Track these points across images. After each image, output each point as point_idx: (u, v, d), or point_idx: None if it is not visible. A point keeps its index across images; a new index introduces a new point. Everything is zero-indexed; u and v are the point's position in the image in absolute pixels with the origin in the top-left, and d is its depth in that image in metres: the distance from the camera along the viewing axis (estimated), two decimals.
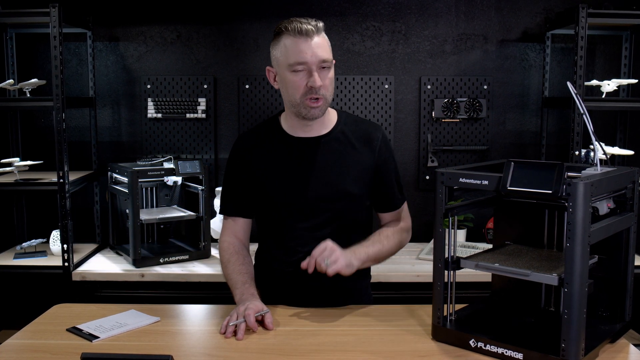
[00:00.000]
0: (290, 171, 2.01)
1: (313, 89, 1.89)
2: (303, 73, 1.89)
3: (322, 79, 1.90)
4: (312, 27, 1.87)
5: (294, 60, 1.88)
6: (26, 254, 3.21)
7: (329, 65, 1.91)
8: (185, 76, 3.53)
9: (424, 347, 1.69)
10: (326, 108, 1.97)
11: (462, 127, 3.55)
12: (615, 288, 1.76)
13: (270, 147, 2.04)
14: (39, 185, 3.11)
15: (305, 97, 1.90)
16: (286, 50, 1.89)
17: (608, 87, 3.19)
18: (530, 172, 1.55)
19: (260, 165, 2.03)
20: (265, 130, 2.09)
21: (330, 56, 1.92)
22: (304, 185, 1.99)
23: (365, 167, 2.04)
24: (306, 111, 1.92)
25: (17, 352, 1.67)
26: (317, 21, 1.91)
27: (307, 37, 1.87)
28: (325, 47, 1.90)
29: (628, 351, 1.67)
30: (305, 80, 1.89)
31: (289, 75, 1.91)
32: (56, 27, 2.92)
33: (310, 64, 1.87)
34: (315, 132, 2.02)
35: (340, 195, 2.00)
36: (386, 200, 2.12)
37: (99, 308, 1.99)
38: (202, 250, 3.19)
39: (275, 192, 2.01)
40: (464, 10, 3.51)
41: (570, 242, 1.45)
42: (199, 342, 1.76)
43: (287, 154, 2.02)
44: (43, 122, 3.58)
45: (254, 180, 2.04)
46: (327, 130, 2.04)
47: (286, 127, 2.05)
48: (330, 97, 1.96)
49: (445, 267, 1.69)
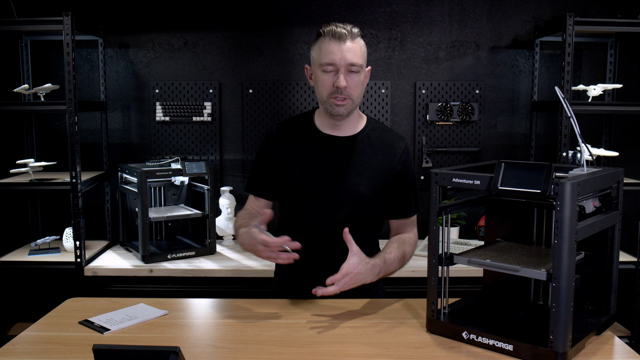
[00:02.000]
0: (312, 165, 2.06)
1: (338, 89, 1.95)
2: (332, 73, 1.96)
3: (349, 81, 1.95)
4: (346, 31, 1.94)
5: (325, 60, 1.95)
6: (40, 251, 3.23)
7: (357, 69, 1.96)
8: (191, 81, 3.56)
9: (419, 339, 1.71)
10: (352, 109, 2.01)
11: (455, 130, 3.59)
12: (600, 283, 1.78)
13: (300, 140, 2.09)
14: (53, 185, 3.13)
15: (332, 95, 1.97)
16: (320, 51, 1.97)
17: (594, 92, 3.22)
18: (520, 172, 1.56)
19: (287, 155, 2.08)
20: (299, 122, 2.14)
21: (360, 61, 1.96)
22: (322, 180, 2.04)
23: (383, 173, 2.07)
24: (332, 108, 1.99)
25: (31, 344, 1.69)
26: (354, 27, 1.97)
27: (339, 40, 1.93)
28: (357, 52, 1.95)
29: (613, 343, 1.70)
30: (333, 80, 1.96)
31: (320, 74, 1.98)
32: (69, 34, 2.95)
33: (339, 65, 1.94)
34: (343, 132, 2.08)
35: (351, 195, 2.03)
36: (397, 207, 2.13)
37: (110, 302, 2.01)
38: (208, 247, 3.22)
39: (295, 182, 2.06)
40: (457, 18, 3.56)
41: (558, 239, 1.46)
42: (205, 334, 1.78)
43: (312, 148, 2.07)
44: (56, 125, 3.60)
45: (279, 168, 2.09)
46: (355, 132, 2.09)
47: (318, 123, 2.10)
48: (358, 99, 2.01)
49: (439, 262, 1.70)
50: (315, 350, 1.65)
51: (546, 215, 1.83)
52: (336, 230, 1.99)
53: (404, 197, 2.13)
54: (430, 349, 1.65)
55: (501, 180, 1.59)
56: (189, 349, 1.63)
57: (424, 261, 1.82)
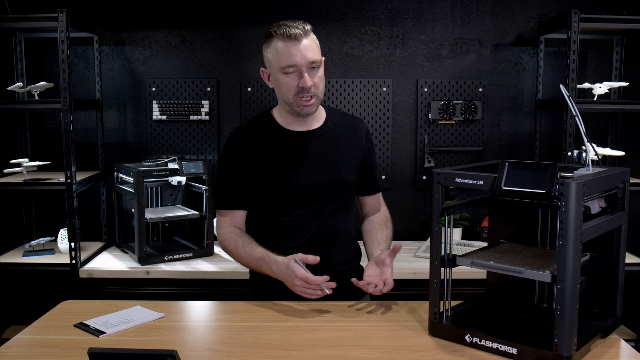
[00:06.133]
0: (289, 162, 2.06)
1: (304, 89, 1.96)
2: (294, 74, 1.97)
3: (312, 78, 1.97)
4: (300, 30, 1.94)
5: (285, 63, 1.95)
6: (35, 252, 3.21)
7: (318, 64, 1.98)
8: (189, 79, 3.55)
9: (421, 342, 1.70)
10: (318, 104, 2.05)
11: (458, 129, 3.58)
12: (606, 285, 1.77)
13: (267, 140, 2.09)
14: (47, 185, 3.12)
15: (297, 96, 1.98)
16: (277, 54, 1.96)
17: (599, 90, 3.21)
18: (524, 172, 1.55)
19: (259, 158, 2.07)
20: (259, 125, 2.13)
21: (318, 56, 1.98)
22: (304, 174, 2.06)
23: (355, 156, 2.16)
24: (299, 109, 2.00)
25: (26, 347, 1.68)
26: (305, 24, 1.97)
27: (295, 40, 1.93)
28: (314, 48, 1.97)
29: (619, 346, 1.69)
30: (297, 81, 1.97)
31: (281, 77, 1.98)
32: (64, 31, 2.94)
33: (300, 66, 1.95)
34: (308, 125, 2.10)
35: (336, 183, 2.09)
36: (370, 184, 2.25)
37: (106, 304, 2.00)
38: (206, 248, 3.21)
39: (276, 182, 2.06)
40: (459, 15, 3.54)
41: (563, 241, 1.45)
42: (203, 337, 1.79)
43: (284, 146, 2.08)
44: (51, 124, 3.59)
45: (253, 172, 2.07)
46: (320, 123, 2.12)
47: (281, 122, 2.11)
48: (322, 94, 2.04)
49: (442, 264, 1.70)
50: (315, 353, 1.64)
51: (551, 216, 1.82)
52: (326, 224, 2.08)
53: (373, 174, 2.26)
54: (432, 353, 1.64)
55: (505, 180, 1.58)
56: (186, 353, 1.62)
57: (426, 263, 1.84)
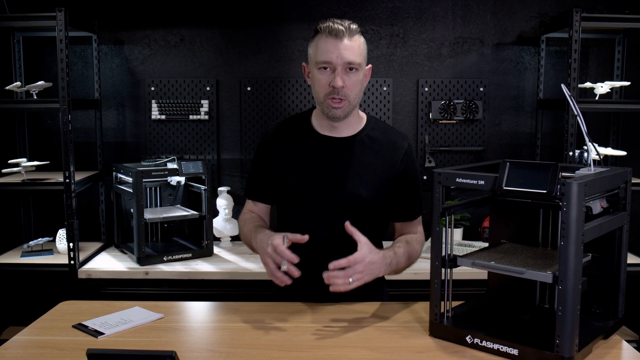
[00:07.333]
0: (309, 168, 2.01)
1: (335, 89, 1.88)
2: (328, 72, 1.90)
3: (347, 81, 1.89)
4: (343, 28, 1.87)
5: (321, 58, 1.89)
6: (33, 252, 3.21)
7: (356, 67, 1.90)
8: (188, 79, 3.54)
9: (422, 343, 1.69)
10: (350, 110, 1.95)
11: (459, 129, 3.57)
12: (608, 285, 1.77)
13: (297, 141, 2.04)
14: (46, 185, 3.12)
15: (328, 96, 1.90)
16: (317, 49, 1.91)
17: (601, 89, 3.20)
18: (525, 172, 1.55)
19: (283, 158, 2.03)
20: (296, 123, 2.08)
21: (358, 59, 1.89)
22: (319, 184, 1.99)
23: (381, 174, 2.01)
24: (328, 110, 1.92)
25: (24, 348, 1.68)
26: (352, 23, 1.90)
27: (336, 37, 1.87)
28: (355, 50, 1.89)
29: (621, 347, 1.69)
30: (329, 80, 1.89)
31: (316, 73, 1.92)
32: (62, 30, 2.93)
33: (335, 64, 1.87)
34: (341, 133, 2.02)
35: (350, 199, 1.98)
36: (401, 210, 2.08)
37: (104, 305, 1.99)
38: (205, 249, 3.19)
39: (292, 187, 2.01)
40: (460, 14, 3.53)
41: (565, 241, 1.45)
42: (202, 338, 1.78)
43: (310, 150, 2.02)
44: (49, 124, 3.59)
45: (275, 170, 2.04)
46: (353, 132, 2.02)
47: (315, 124, 2.05)
48: (355, 99, 1.94)
49: (443, 265, 1.69)
50: (315, 354, 1.64)
51: (552, 216, 1.81)
52: (336, 235, 1.94)
53: (406, 199, 2.07)
54: (433, 354, 1.64)
55: (506, 180, 1.58)
56: (185, 354, 1.62)
57: (426, 263, 1.82)
